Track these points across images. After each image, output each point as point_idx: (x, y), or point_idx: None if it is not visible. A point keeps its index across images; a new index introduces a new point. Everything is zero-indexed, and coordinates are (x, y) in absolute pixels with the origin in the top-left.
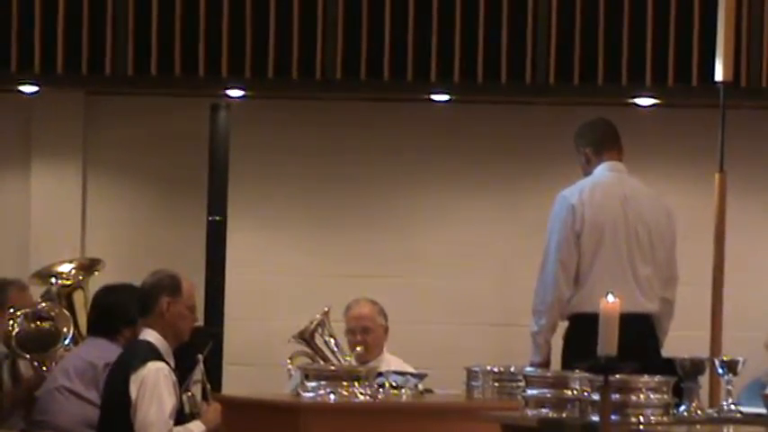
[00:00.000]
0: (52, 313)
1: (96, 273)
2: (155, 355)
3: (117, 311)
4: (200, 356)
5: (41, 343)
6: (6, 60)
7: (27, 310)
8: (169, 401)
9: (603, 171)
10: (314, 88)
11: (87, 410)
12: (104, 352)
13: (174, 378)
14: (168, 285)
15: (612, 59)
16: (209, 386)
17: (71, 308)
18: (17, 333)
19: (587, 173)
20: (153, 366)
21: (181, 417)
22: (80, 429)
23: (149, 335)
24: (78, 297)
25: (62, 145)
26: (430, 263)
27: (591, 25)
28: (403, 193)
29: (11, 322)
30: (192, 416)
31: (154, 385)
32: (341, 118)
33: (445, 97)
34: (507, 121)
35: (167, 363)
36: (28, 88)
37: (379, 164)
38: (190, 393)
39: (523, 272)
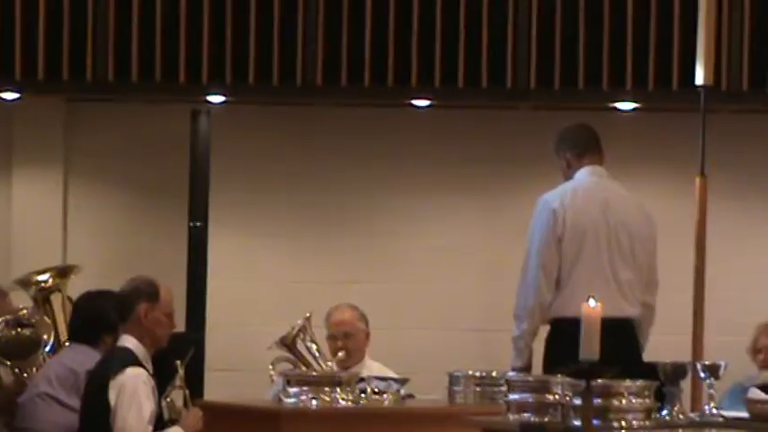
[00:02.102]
0: (33, 320)
1: (72, 276)
2: (133, 361)
3: (99, 318)
4: (179, 362)
5: (22, 350)
6: None
7: (8, 316)
8: (148, 407)
9: (584, 175)
10: (295, 94)
11: (69, 417)
12: (86, 358)
13: (153, 384)
14: (146, 292)
15: (593, 64)
16: (188, 392)
17: (50, 312)
18: None
19: (568, 177)
20: (131, 372)
21: (160, 423)
22: None
23: (127, 341)
24: (56, 300)
25: (43, 151)
26: (411, 268)
27: (571, 30)
28: (384, 198)
29: None
30: (172, 422)
31: (133, 391)
32: (322, 124)
33: (426, 102)
34: (488, 126)
35: (146, 369)
36: (9, 95)
37: (360, 169)
38: (169, 399)
39: (505, 276)
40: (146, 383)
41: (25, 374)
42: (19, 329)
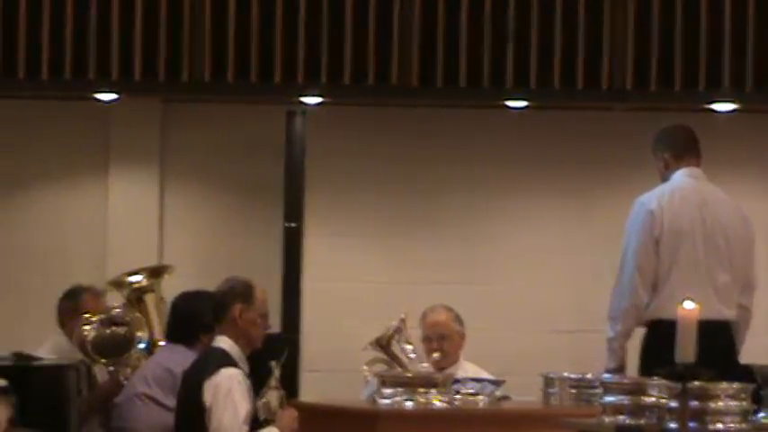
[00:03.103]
0: (126, 318)
1: (166, 276)
2: (228, 361)
3: (195, 318)
4: (274, 363)
5: (116, 348)
6: (84, 68)
7: (102, 315)
8: (243, 407)
9: (681, 177)
10: (390, 95)
11: (166, 417)
12: (183, 358)
13: (248, 384)
14: (241, 293)
15: (690, 64)
16: (283, 392)
17: (144, 312)
18: (92, 338)
19: (665, 179)
20: (227, 373)
21: (255, 423)
22: None
23: (223, 341)
24: (150, 299)
25: (139, 152)
26: (506, 269)
27: (668, 30)
28: (479, 199)
29: (86, 328)
30: (267, 422)
31: (228, 391)
32: (417, 125)
33: (522, 104)
34: (584, 128)
35: (241, 369)
36: (106, 96)
37: (454, 170)
38: (264, 400)
39: (599, 278)
40: (241, 384)
41: (119, 373)
42: (113, 328)
